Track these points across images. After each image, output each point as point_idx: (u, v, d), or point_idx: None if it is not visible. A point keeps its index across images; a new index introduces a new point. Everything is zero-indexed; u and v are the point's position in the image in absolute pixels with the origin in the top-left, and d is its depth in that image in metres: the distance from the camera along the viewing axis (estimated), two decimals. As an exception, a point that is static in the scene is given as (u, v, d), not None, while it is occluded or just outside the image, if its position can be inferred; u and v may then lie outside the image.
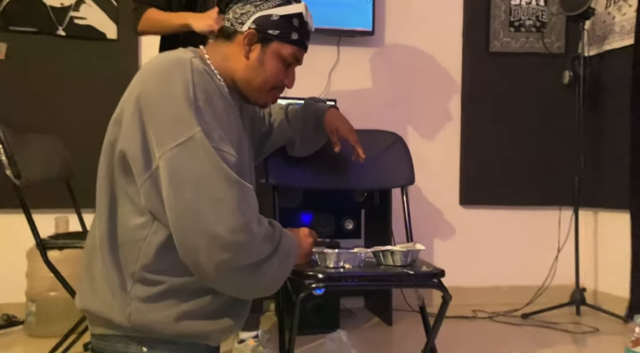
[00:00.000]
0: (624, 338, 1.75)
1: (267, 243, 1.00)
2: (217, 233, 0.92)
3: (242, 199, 0.95)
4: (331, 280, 1.10)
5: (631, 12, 2.37)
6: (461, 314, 2.40)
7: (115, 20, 2.36)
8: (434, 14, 2.66)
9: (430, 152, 2.66)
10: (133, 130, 0.98)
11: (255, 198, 1.02)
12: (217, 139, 0.97)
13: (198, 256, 0.94)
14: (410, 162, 1.59)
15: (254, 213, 0.99)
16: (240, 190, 0.96)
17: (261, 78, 1.11)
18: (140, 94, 0.99)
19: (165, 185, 0.95)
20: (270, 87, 1.13)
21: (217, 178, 0.94)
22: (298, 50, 1.13)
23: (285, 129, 1.40)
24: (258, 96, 1.15)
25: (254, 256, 0.97)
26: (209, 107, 0.98)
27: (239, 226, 0.93)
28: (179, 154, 0.94)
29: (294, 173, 1.46)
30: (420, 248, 1.26)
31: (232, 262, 0.94)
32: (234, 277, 0.97)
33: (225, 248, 0.93)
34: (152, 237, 1.00)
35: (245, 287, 1.01)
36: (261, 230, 0.99)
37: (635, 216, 2.25)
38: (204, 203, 0.93)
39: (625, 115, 2.31)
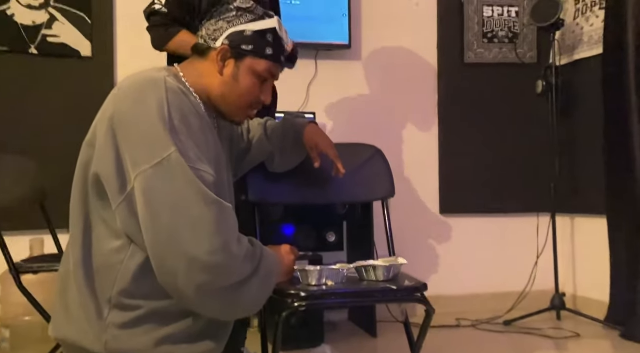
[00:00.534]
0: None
1: (247, 262, 0.98)
2: (196, 255, 0.91)
3: (221, 219, 0.94)
4: (314, 298, 1.09)
5: (598, 23, 2.45)
6: (445, 323, 2.41)
7: (90, 38, 2.33)
8: (410, 27, 2.70)
9: (410, 163, 2.68)
10: (107, 152, 0.96)
11: (235, 218, 1.01)
12: (194, 158, 0.96)
13: (177, 279, 0.92)
14: (390, 175, 1.60)
15: (233, 233, 0.97)
16: (218, 210, 0.94)
17: (236, 94, 1.10)
18: (113, 115, 0.98)
19: (141, 207, 0.93)
20: (246, 103, 1.13)
21: (195, 199, 0.93)
22: (273, 66, 1.12)
23: (265, 145, 1.40)
24: (234, 113, 1.14)
25: (234, 277, 0.95)
26: (185, 127, 0.97)
27: (218, 247, 0.92)
28: (154, 175, 0.93)
29: (274, 189, 1.46)
30: (402, 263, 1.27)
31: (212, 284, 0.93)
32: (214, 299, 0.95)
33: (204, 270, 0.91)
34: (129, 261, 0.98)
35: (227, 309, 0.99)
36: (241, 249, 0.97)
37: (612, 220, 2.31)
38: (181, 225, 0.91)
39: (597, 122, 2.37)
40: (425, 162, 2.71)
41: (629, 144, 2.20)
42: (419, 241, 2.68)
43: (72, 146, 1.25)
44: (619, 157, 2.26)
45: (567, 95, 2.60)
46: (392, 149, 2.66)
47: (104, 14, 2.35)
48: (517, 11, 2.74)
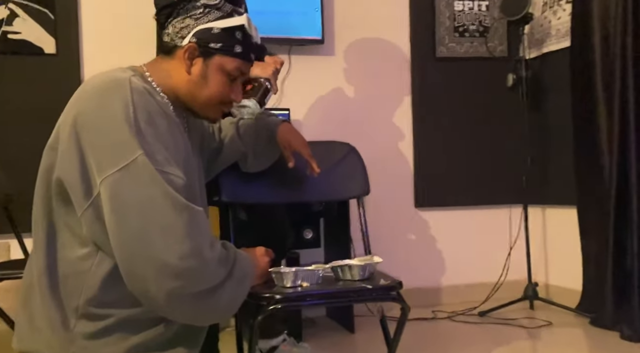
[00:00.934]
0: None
1: (221, 267, 0.96)
2: (167, 260, 0.88)
3: (192, 223, 0.92)
4: (289, 300, 1.08)
5: (565, 16, 2.49)
6: (421, 316, 2.44)
7: (54, 34, 2.25)
8: (382, 22, 2.69)
9: (384, 157, 2.69)
10: (70, 157, 0.93)
11: (207, 221, 0.99)
12: (162, 160, 0.93)
13: (147, 285, 0.90)
14: (365, 173, 1.60)
15: (205, 237, 0.95)
16: (189, 215, 0.92)
17: (206, 93, 1.08)
18: (76, 118, 0.94)
19: (108, 213, 0.90)
20: (216, 102, 1.10)
21: (164, 203, 0.90)
22: (242, 63, 1.10)
23: (237, 145, 1.38)
24: (206, 110, 1.12)
25: (207, 281, 0.93)
26: (152, 128, 0.94)
27: (189, 252, 0.90)
28: (121, 179, 0.90)
29: (248, 189, 1.44)
30: (377, 261, 1.27)
31: (184, 290, 0.90)
32: (187, 304, 0.93)
33: (175, 276, 0.89)
34: (96, 269, 0.95)
35: (200, 314, 0.97)
36: (214, 253, 0.95)
37: (582, 211, 2.36)
38: (150, 230, 0.89)
39: (567, 114, 2.42)
40: (400, 156, 2.72)
41: (596, 136, 2.25)
42: (395, 235, 2.70)
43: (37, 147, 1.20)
44: (587, 148, 2.31)
45: (537, 88, 2.65)
46: (367, 144, 2.64)
47: (68, 9, 2.27)
48: (487, 5, 2.77)
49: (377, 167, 2.69)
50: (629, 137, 2.09)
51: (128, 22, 2.35)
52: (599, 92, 2.24)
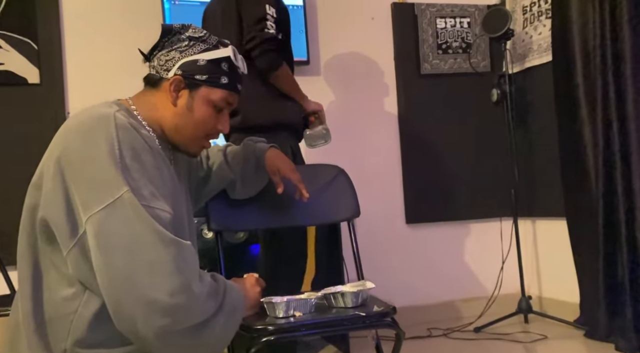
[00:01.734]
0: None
1: (210, 300, 0.95)
2: (155, 297, 0.87)
3: (180, 259, 0.91)
4: (282, 331, 1.07)
5: (546, 32, 2.53)
6: (417, 334, 2.43)
7: (37, 64, 2.24)
8: (366, 41, 2.72)
9: (373, 176, 2.69)
10: (55, 195, 0.92)
11: (195, 255, 0.97)
12: (148, 196, 0.92)
13: (136, 324, 0.88)
14: (354, 195, 1.59)
15: (193, 271, 0.94)
16: (176, 250, 0.91)
17: (191, 125, 1.07)
18: (61, 156, 0.93)
19: (94, 251, 0.89)
20: (202, 134, 1.10)
21: (150, 240, 0.89)
22: (229, 94, 1.10)
23: (225, 172, 1.37)
24: (189, 144, 1.11)
25: (197, 316, 0.92)
26: (138, 164, 0.94)
27: (178, 288, 0.89)
28: (106, 216, 0.89)
29: (236, 215, 1.43)
30: (370, 287, 1.26)
31: (174, 326, 0.89)
32: (178, 340, 0.91)
33: (164, 313, 0.88)
34: (83, 309, 0.93)
35: (192, 349, 0.95)
36: (203, 288, 0.94)
37: (572, 222, 2.37)
38: (137, 267, 0.88)
39: (552, 127, 2.45)
40: (389, 174, 2.73)
41: (581, 148, 2.28)
42: (388, 253, 2.69)
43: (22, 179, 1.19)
44: (573, 160, 2.33)
45: (522, 102, 2.68)
46: (355, 164, 2.67)
47: (51, 39, 2.26)
48: (469, 22, 2.81)
49: (366, 186, 2.70)
50: (613, 149, 2.12)
51: (112, 52, 2.35)
52: (582, 104, 2.27)
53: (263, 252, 1.92)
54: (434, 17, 2.76)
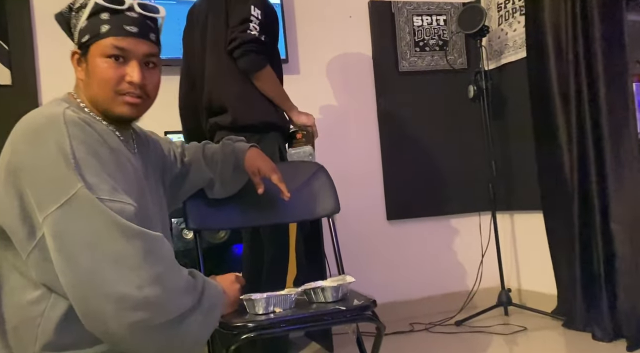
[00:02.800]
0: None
1: (187, 295, 0.93)
2: (124, 293, 0.85)
3: (147, 250, 0.89)
4: (262, 328, 1.06)
5: (520, 28, 2.58)
6: (399, 329, 2.44)
7: (8, 65, 2.19)
8: (344, 40, 2.73)
9: (354, 173, 2.70)
10: (8, 200, 0.90)
11: (168, 246, 0.95)
12: (109, 189, 0.90)
13: (107, 323, 0.85)
14: (334, 191, 1.60)
15: (165, 263, 0.91)
16: (143, 241, 0.89)
17: (96, 87, 1.01)
18: (11, 159, 0.91)
19: (54, 252, 0.86)
20: (110, 91, 1.01)
21: (112, 234, 0.87)
22: (115, 39, 1.00)
23: (204, 171, 1.35)
24: (109, 107, 1.02)
25: (171, 311, 0.89)
26: (93, 158, 0.91)
27: (147, 280, 0.86)
28: (63, 215, 0.86)
29: (215, 214, 1.42)
30: (350, 281, 1.26)
31: (147, 322, 0.86)
32: (153, 337, 0.88)
33: (135, 307, 0.85)
34: (50, 312, 0.91)
35: (168, 347, 0.92)
36: (178, 280, 0.92)
37: (549, 216, 2.42)
38: (102, 264, 0.85)
39: (528, 122, 2.49)
40: (369, 171, 2.74)
41: (556, 142, 2.32)
42: (369, 249, 2.71)
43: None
44: (548, 154, 2.37)
45: (498, 98, 2.72)
46: (335, 161, 2.67)
47: (23, 39, 2.22)
48: (445, 19, 2.84)
49: (347, 183, 2.71)
50: (587, 143, 2.16)
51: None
52: (556, 99, 2.32)
53: (247, 253, 1.91)
54: (410, 15, 2.78)
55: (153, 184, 1.15)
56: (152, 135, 1.28)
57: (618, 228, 2.06)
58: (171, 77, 2.49)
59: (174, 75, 2.50)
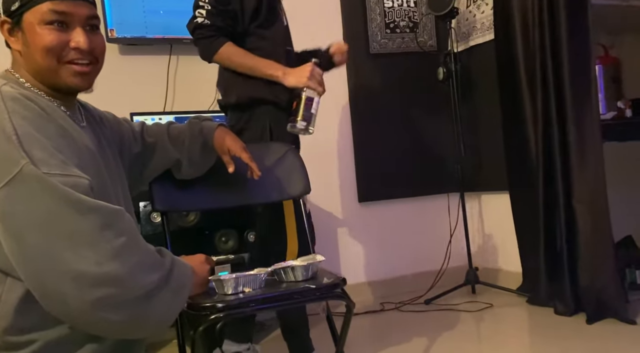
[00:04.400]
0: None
1: (153, 272, 0.90)
2: (82, 270, 0.81)
3: (104, 224, 0.85)
4: (231, 308, 1.06)
5: (488, 10, 2.60)
6: (370, 309, 2.48)
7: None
8: (315, 21, 2.69)
9: (325, 155, 2.70)
10: None
11: (129, 220, 0.91)
12: (58, 164, 0.86)
13: (67, 302, 0.82)
14: (305, 172, 1.59)
15: (125, 237, 0.88)
16: (99, 215, 0.85)
17: (39, 58, 0.95)
18: None
19: (3, 235, 0.83)
20: (54, 60, 0.96)
21: (64, 210, 0.83)
22: (52, 3, 0.95)
23: (169, 151, 1.31)
24: (57, 77, 0.97)
25: (136, 287, 0.86)
26: (38, 133, 0.87)
27: (106, 255, 0.83)
28: (8, 195, 0.82)
29: (183, 196, 1.39)
30: (320, 260, 1.27)
31: (110, 298, 0.83)
32: (117, 315, 0.85)
33: (96, 284, 0.82)
34: (7, 295, 0.88)
35: (133, 326, 0.89)
36: (142, 256, 0.89)
37: (514, 195, 2.48)
38: (54, 243, 0.82)
39: (495, 104, 2.53)
40: (340, 152, 2.75)
41: (523, 124, 2.37)
42: (341, 231, 2.73)
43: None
44: (515, 136, 2.42)
45: (467, 80, 2.75)
46: (306, 143, 2.66)
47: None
48: (415, 1, 2.84)
49: (318, 165, 2.71)
50: (552, 124, 2.22)
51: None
52: (523, 81, 2.36)
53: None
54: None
55: (110, 159, 1.11)
56: (105, 113, 1.23)
57: (579, 206, 2.13)
58: (136, 57, 2.43)
59: (139, 54, 2.43)
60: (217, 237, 2.25)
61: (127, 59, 2.46)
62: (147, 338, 1.05)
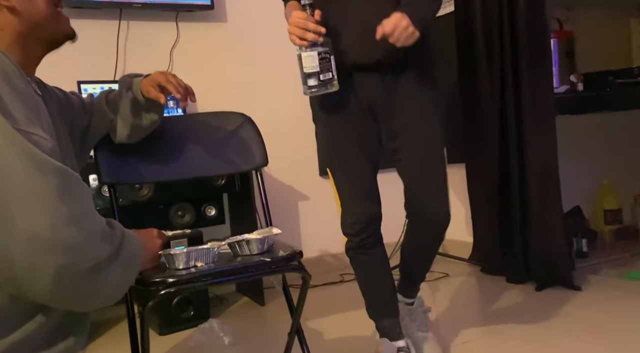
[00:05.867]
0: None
1: (104, 243, 0.86)
2: (35, 232, 0.76)
3: (64, 188, 0.80)
4: (182, 283, 1.02)
5: (450, -18, 2.58)
6: (330, 280, 2.50)
7: None
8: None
9: (285, 127, 2.66)
10: None
11: (87, 189, 0.87)
12: (24, 120, 0.81)
13: (14, 265, 0.77)
14: (262, 143, 1.55)
15: (83, 205, 0.84)
16: (61, 178, 0.80)
17: (40, 3, 0.97)
18: None
19: None
20: (53, 3, 1.00)
21: (26, 167, 0.77)
22: None
23: (105, 113, 1.24)
24: (57, 25, 1.01)
25: (89, 257, 0.82)
26: (8, 86, 0.82)
27: (63, 220, 0.78)
28: None
29: (132, 168, 1.32)
30: (276, 232, 1.25)
31: (61, 268, 0.79)
32: (64, 286, 0.81)
33: (49, 249, 0.77)
34: None
35: (80, 298, 0.85)
36: (96, 226, 0.85)
37: (470, 168, 2.53)
38: (10, 198, 0.76)
39: (453, 77, 2.54)
40: (301, 125, 2.70)
41: (479, 95, 2.39)
42: (302, 204, 2.71)
43: None
44: (472, 108, 2.45)
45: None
46: (266, 115, 2.61)
47: None
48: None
49: (279, 138, 2.67)
50: (508, 96, 2.25)
51: None
52: (481, 54, 2.37)
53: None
54: (342, -36, 2.70)
55: (62, 134, 1.05)
56: (54, 88, 1.17)
57: (532, 178, 2.19)
58: (83, 21, 2.28)
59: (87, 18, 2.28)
60: (172, 211, 2.20)
61: (74, 24, 2.30)
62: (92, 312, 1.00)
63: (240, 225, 2.35)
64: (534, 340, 1.66)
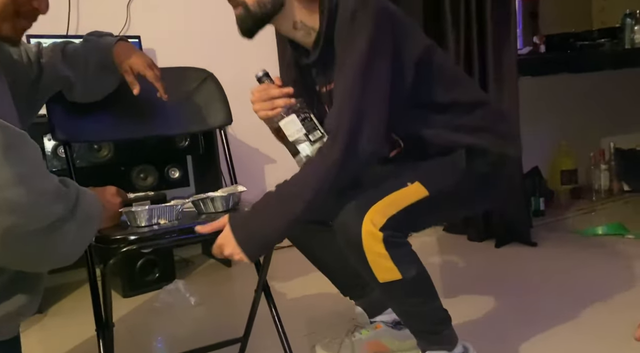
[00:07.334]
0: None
1: (58, 203, 0.83)
2: None
3: (9, 145, 0.77)
4: (144, 240, 1.00)
5: (418, -61, 2.52)
6: (297, 242, 2.52)
7: None
8: None
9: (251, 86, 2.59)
10: None
11: (34, 145, 0.83)
12: None
13: None
14: (226, 101, 1.50)
15: (31, 164, 0.80)
16: (4, 135, 0.76)
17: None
18: None
19: None
20: (12, 11, 0.91)
21: None
22: None
23: (60, 70, 1.16)
24: (3, 23, 0.91)
25: (40, 218, 0.80)
26: None
27: (10, 179, 0.75)
28: None
29: (88, 125, 1.25)
30: (241, 190, 1.23)
31: (11, 229, 0.76)
32: (17, 247, 0.79)
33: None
34: None
35: (35, 259, 0.84)
36: (47, 185, 0.82)
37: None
38: None
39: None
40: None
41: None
42: (269, 167, 2.69)
43: None
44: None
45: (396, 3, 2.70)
46: (231, 72, 2.52)
47: None
48: None
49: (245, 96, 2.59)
50: (473, 58, 2.26)
51: None
52: (447, 16, 2.36)
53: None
54: None
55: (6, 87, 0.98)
56: None
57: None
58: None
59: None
60: (134, 173, 2.14)
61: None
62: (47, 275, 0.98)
63: (206, 188, 2.31)
64: (493, 294, 1.73)
